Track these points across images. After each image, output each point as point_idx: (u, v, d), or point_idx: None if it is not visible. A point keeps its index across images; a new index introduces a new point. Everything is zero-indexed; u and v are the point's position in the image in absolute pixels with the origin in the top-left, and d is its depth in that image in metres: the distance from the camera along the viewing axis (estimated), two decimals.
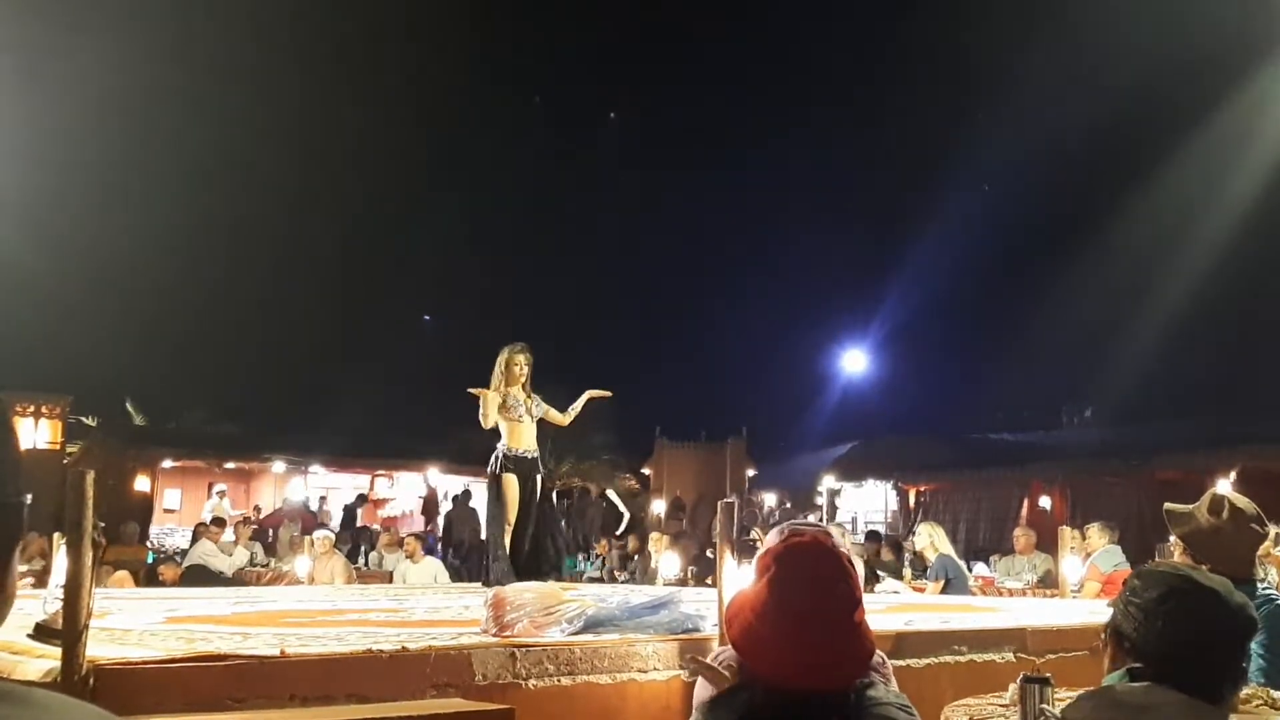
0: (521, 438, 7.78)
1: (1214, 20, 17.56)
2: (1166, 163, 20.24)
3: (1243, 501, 3.82)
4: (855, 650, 2.07)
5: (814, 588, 2.06)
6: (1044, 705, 2.50)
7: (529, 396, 7.82)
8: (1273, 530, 8.23)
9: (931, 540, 9.74)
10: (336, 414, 22.79)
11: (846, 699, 2.05)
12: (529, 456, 7.84)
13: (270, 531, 17.00)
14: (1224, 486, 12.54)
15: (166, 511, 21.49)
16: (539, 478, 7.95)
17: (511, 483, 7.73)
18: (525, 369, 7.84)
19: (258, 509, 20.09)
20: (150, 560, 14.71)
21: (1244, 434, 15.83)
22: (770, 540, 2.25)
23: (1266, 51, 17.31)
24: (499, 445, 7.78)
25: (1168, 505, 3.93)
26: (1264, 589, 3.74)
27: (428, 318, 31.43)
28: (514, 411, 7.75)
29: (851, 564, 2.15)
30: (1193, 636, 2.22)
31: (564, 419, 8.15)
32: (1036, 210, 25.14)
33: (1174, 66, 18.95)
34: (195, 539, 15.09)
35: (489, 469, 7.97)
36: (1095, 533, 9.28)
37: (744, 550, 3.85)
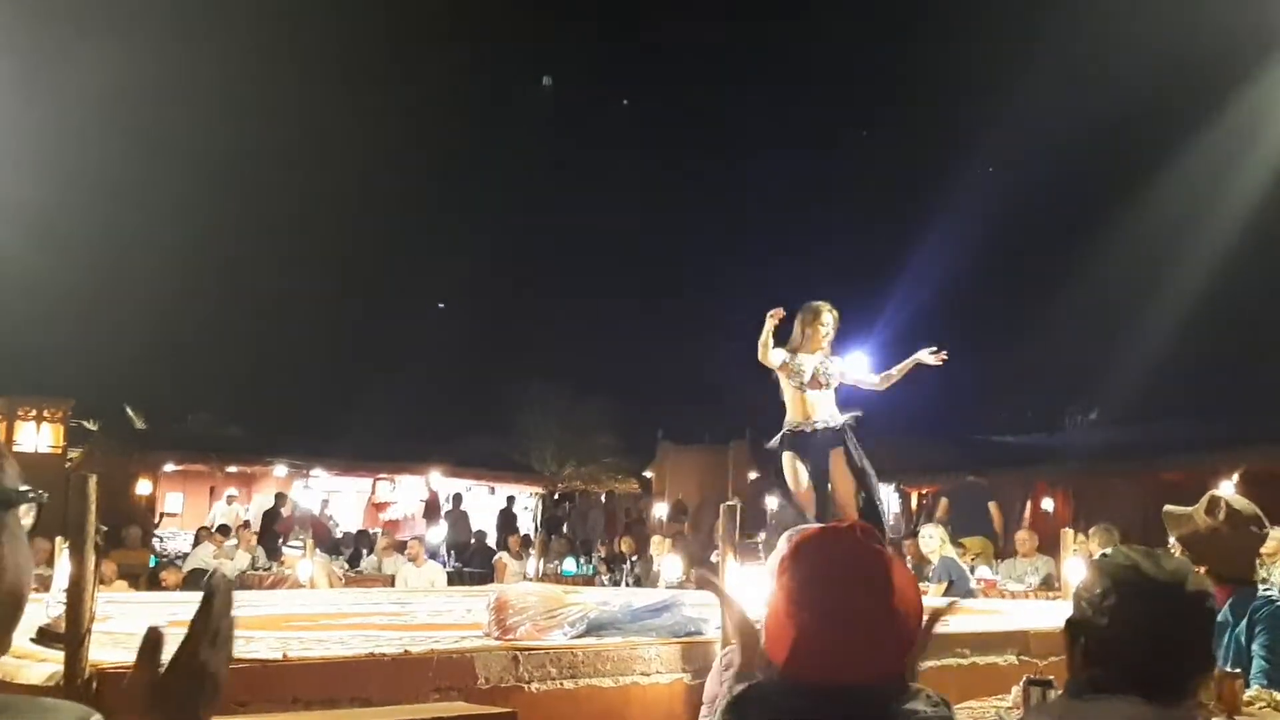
0: (804, 408, 6.70)
1: (1217, 20, 17.56)
2: (1171, 164, 20.21)
3: (1241, 503, 3.80)
4: (884, 640, 1.96)
5: (832, 578, 1.97)
6: None
7: (825, 360, 6.78)
8: (1276, 531, 8.26)
9: (944, 542, 9.77)
10: (338, 418, 22.83)
11: (882, 697, 1.95)
12: (814, 430, 6.68)
13: (281, 537, 17.01)
14: (1226, 488, 12.52)
15: (168, 515, 21.51)
16: (840, 453, 6.64)
17: (792, 463, 6.66)
18: (830, 331, 6.86)
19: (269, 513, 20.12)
20: (153, 564, 14.73)
21: (1248, 435, 15.80)
22: (781, 545, 2.20)
23: (1272, 48, 17.32)
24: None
25: (1167, 507, 3.93)
26: (1265, 590, 3.73)
27: (441, 305, 31.37)
28: (794, 378, 6.71)
29: (881, 548, 2.02)
30: (1141, 631, 2.06)
31: (879, 382, 7.04)
32: (1040, 211, 25.10)
33: (1177, 66, 18.91)
34: (197, 542, 15.14)
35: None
36: (1095, 538, 9.30)
37: (747, 553, 3.85)
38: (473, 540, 18.80)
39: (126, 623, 4.61)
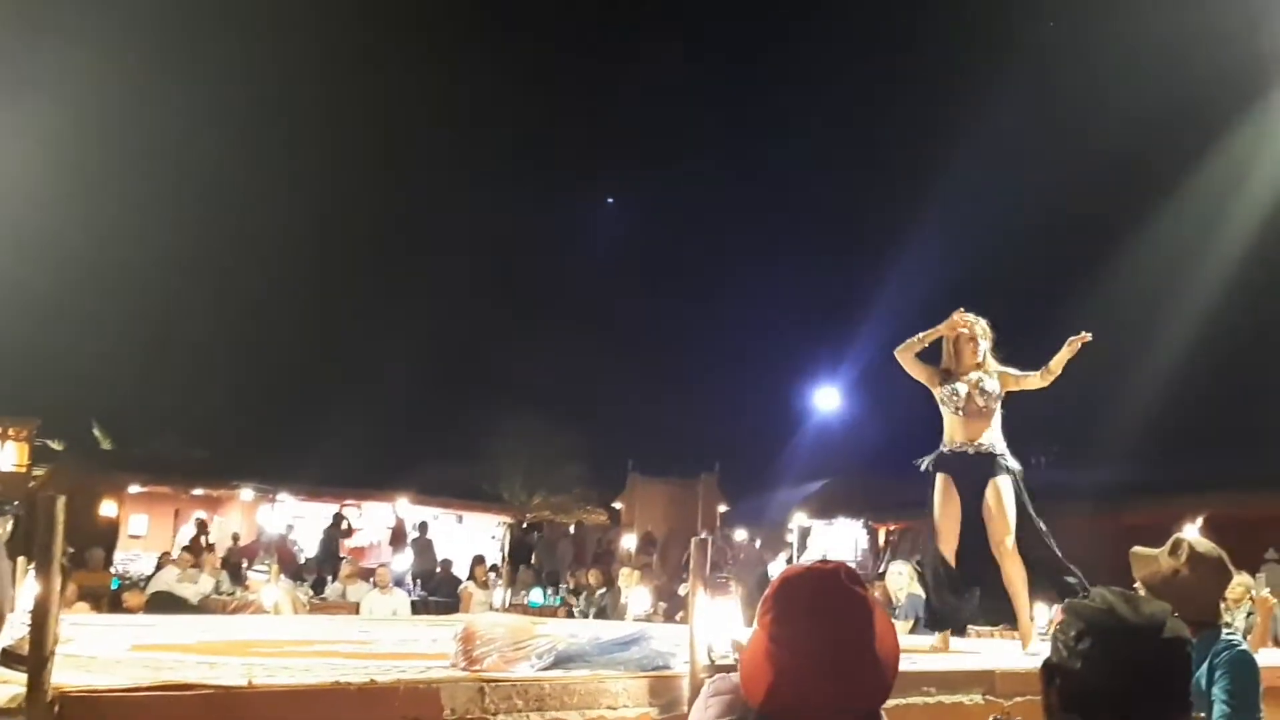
0: (960, 432, 5.94)
1: (1196, 68, 17.87)
2: (1141, 212, 20.52)
3: (1205, 546, 3.82)
4: (862, 684, 1.96)
5: (814, 621, 1.96)
6: None
7: (983, 378, 5.92)
8: (1243, 576, 8.34)
9: (912, 579, 9.77)
10: (306, 443, 22.69)
11: None
12: (971, 453, 5.91)
13: (245, 561, 16.87)
14: (1190, 531, 12.59)
15: (132, 537, 21.30)
16: (999, 481, 5.84)
17: (944, 486, 5.94)
18: (984, 344, 5.99)
19: (236, 537, 19.97)
20: (115, 586, 14.56)
21: (1212, 479, 15.93)
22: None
23: (1258, 94, 17.62)
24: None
25: (1134, 549, 3.95)
26: (1228, 634, 3.75)
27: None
28: (948, 404, 5.96)
29: (865, 592, 2.02)
30: (1116, 676, 2.01)
31: (1040, 380, 5.97)
32: (1009, 253, 25.34)
33: (1157, 111, 19.26)
34: (159, 567, 14.98)
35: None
36: None
37: (716, 588, 3.85)
38: (438, 569, 18.69)
39: (89, 645, 4.57)
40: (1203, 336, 19.08)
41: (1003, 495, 5.79)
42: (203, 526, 19.91)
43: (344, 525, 21.09)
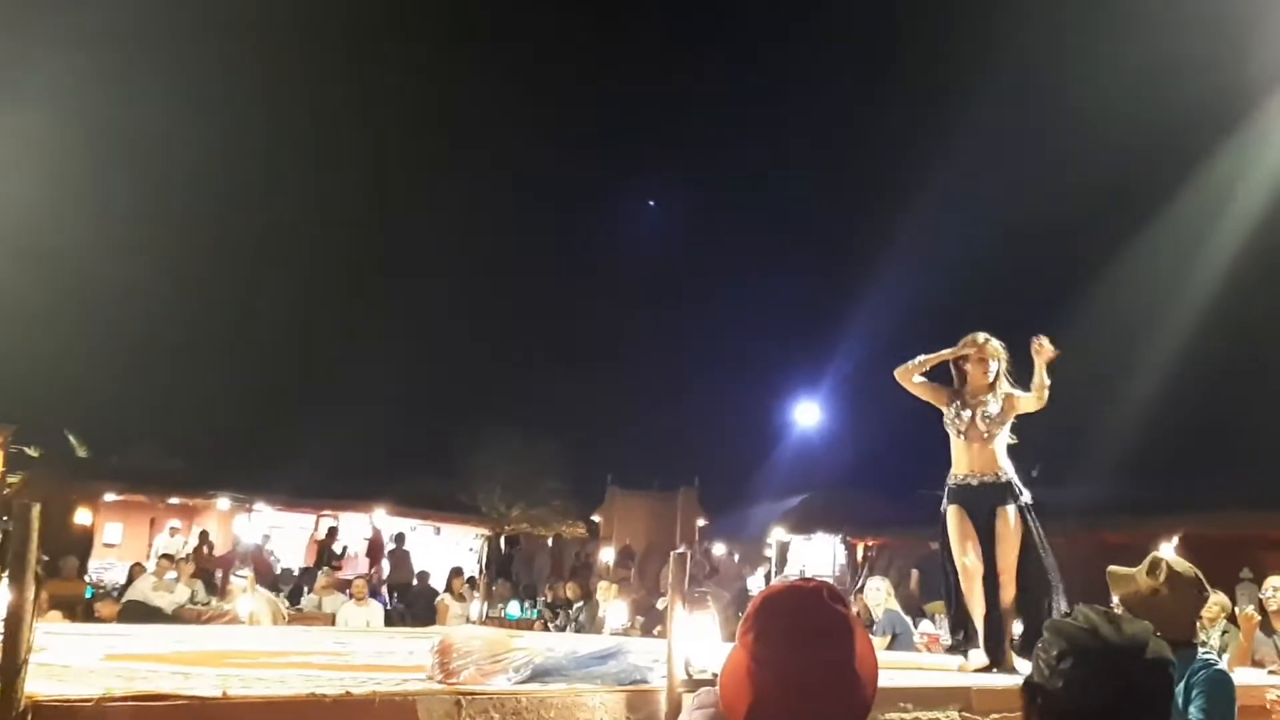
0: (967, 459, 5.82)
1: (1178, 95, 18.03)
2: (1124, 237, 20.69)
3: (1183, 565, 3.86)
4: (842, 704, 1.95)
5: (796, 639, 1.95)
6: None
7: (988, 400, 5.80)
8: (1218, 596, 8.38)
9: (890, 596, 9.81)
10: (283, 453, 22.58)
11: None
12: (978, 484, 5.80)
13: (220, 572, 16.78)
14: (1166, 550, 12.67)
15: (107, 546, 21.16)
16: (1009, 511, 5.72)
17: (954, 518, 5.82)
18: (996, 365, 5.86)
19: (205, 534, 19.87)
20: (89, 595, 14.46)
21: (1189, 499, 16.03)
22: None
23: (1238, 121, 17.80)
24: None
25: (1111, 568, 3.97)
26: (1204, 653, 3.77)
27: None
28: (952, 426, 5.85)
29: (846, 611, 2.01)
30: (1096, 696, 2.01)
31: (1035, 400, 5.75)
32: (990, 274, 25.48)
33: (1139, 135, 19.42)
34: (131, 578, 14.87)
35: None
36: None
37: (694, 602, 3.85)
38: (414, 581, 18.63)
39: (63, 654, 4.53)
40: (1182, 361, 19.22)
41: (1011, 525, 5.70)
42: (205, 537, 19.82)
43: (340, 548, 21.07)
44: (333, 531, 21.35)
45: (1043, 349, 5.64)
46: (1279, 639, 8.38)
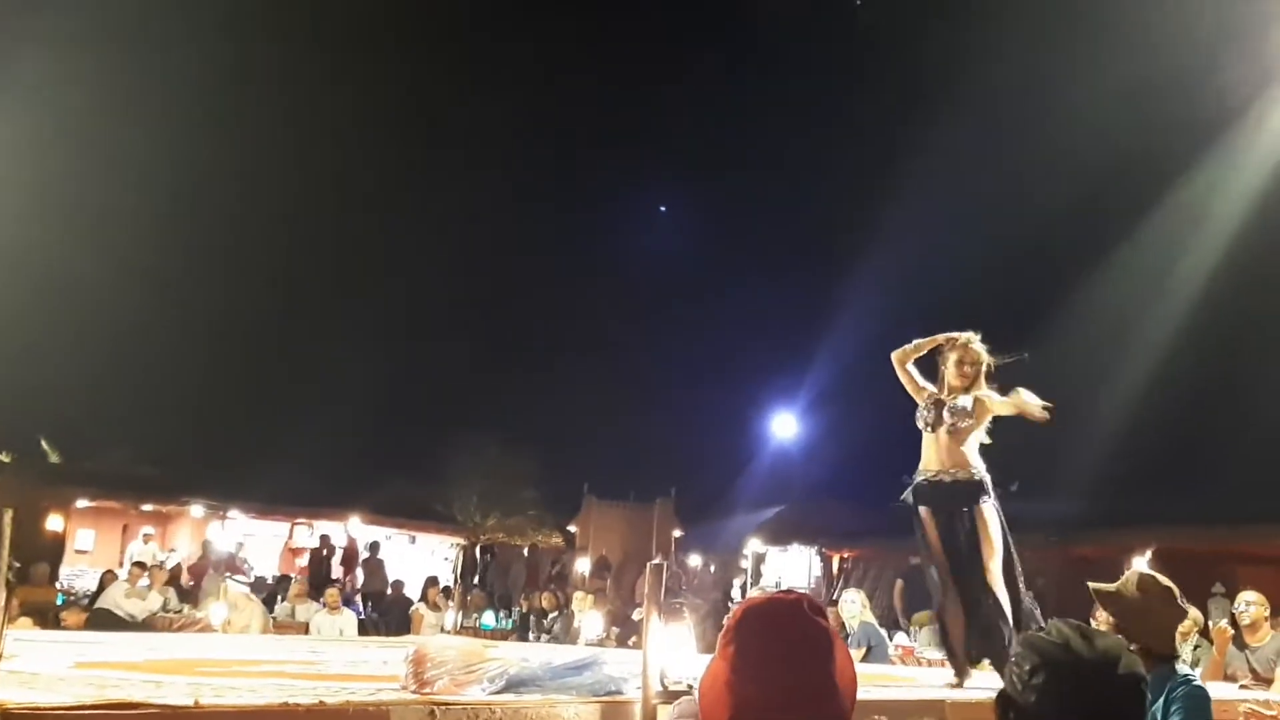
0: (935, 454, 5.75)
1: (1150, 116, 18.19)
2: (1096, 256, 20.84)
3: (1163, 579, 3.92)
4: (829, 711, 1.96)
5: (776, 651, 1.96)
6: None
7: (958, 395, 5.79)
8: (1191, 611, 8.43)
9: (865, 608, 9.84)
10: (258, 460, 22.43)
11: None
12: (950, 481, 5.70)
13: (193, 580, 16.67)
14: (1139, 565, 12.77)
15: (78, 553, 20.98)
16: (983, 509, 5.65)
17: (923, 520, 5.77)
18: (972, 370, 5.86)
19: (207, 543, 19.78)
20: (60, 602, 14.33)
21: (1161, 515, 16.13)
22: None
23: (1211, 141, 17.96)
24: None
25: (1094, 585, 4.00)
26: (1182, 670, 3.81)
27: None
28: (920, 418, 5.84)
29: (826, 623, 2.01)
30: (1069, 711, 2.01)
31: (1009, 406, 5.79)
32: (967, 288, 25.62)
33: (1112, 154, 19.57)
34: (103, 585, 14.74)
35: None
36: None
37: (670, 613, 3.85)
38: (389, 590, 18.55)
39: (33, 661, 4.49)
40: (1154, 376, 19.37)
41: (988, 524, 5.62)
42: (207, 547, 19.71)
43: (332, 552, 20.99)
44: (325, 540, 21.24)
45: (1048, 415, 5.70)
46: (1251, 653, 8.42)
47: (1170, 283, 19.58)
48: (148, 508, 21.52)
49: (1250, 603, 8.52)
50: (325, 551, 20.91)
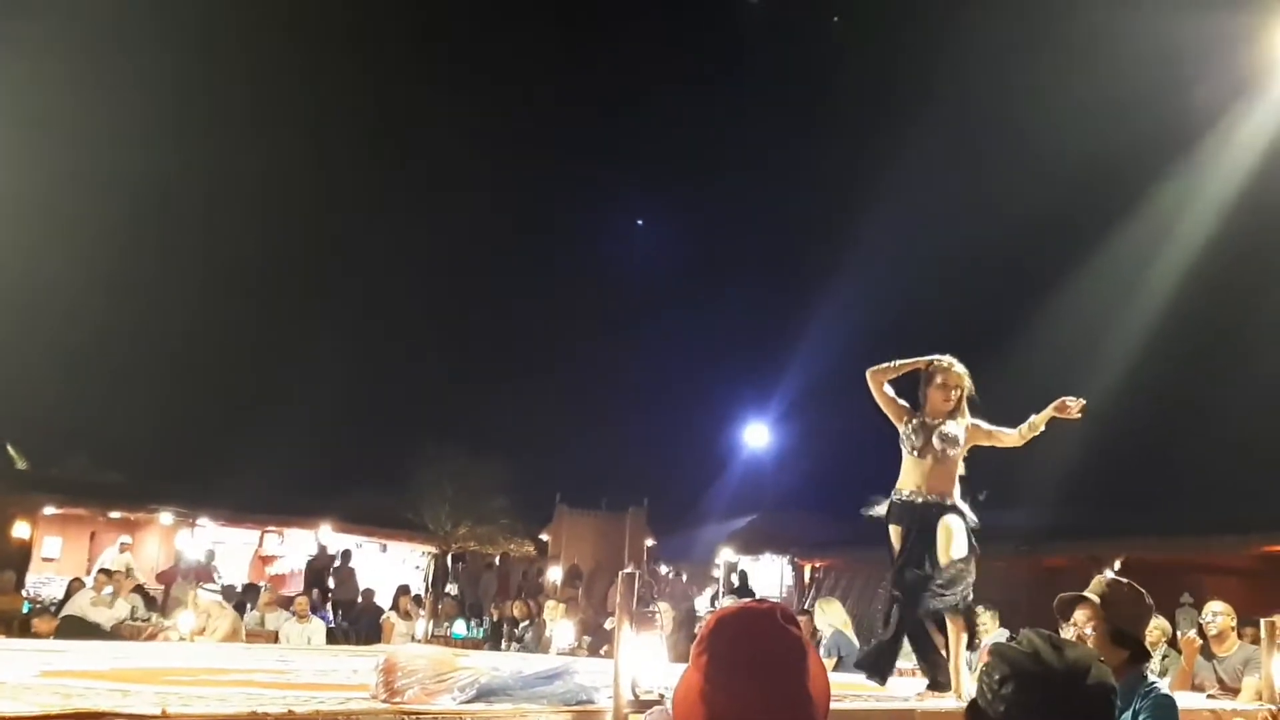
0: (917, 476, 5.74)
1: (1113, 135, 18.38)
2: (1066, 267, 21.01)
3: (1127, 581, 4.02)
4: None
5: (750, 661, 1.94)
6: None
7: (947, 422, 5.76)
8: (1159, 620, 8.50)
9: (846, 625, 9.85)
10: (228, 467, 22.28)
11: None
12: (923, 503, 5.72)
13: (163, 587, 16.52)
14: (1109, 575, 12.81)
15: (45, 560, 20.76)
16: (949, 520, 5.68)
17: (896, 536, 5.81)
18: (956, 394, 5.80)
19: (211, 552, 19.62)
20: (26, 610, 14.17)
21: (1129, 525, 16.25)
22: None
23: (1182, 151, 18.14)
24: None
25: (1062, 594, 4.04)
26: (1151, 679, 3.84)
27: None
28: (907, 443, 5.79)
29: (799, 633, 2.00)
30: None
31: (1018, 437, 5.85)
32: (932, 300, 25.74)
33: (1082, 164, 19.74)
34: (70, 593, 14.59)
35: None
36: (987, 617, 9.42)
37: (642, 623, 3.84)
38: (359, 598, 18.44)
39: None
40: (1123, 387, 19.51)
41: (953, 532, 5.61)
42: (210, 556, 19.54)
43: (330, 561, 20.80)
44: (322, 550, 21.05)
45: (1067, 410, 5.79)
46: (1219, 663, 8.49)
47: (1137, 296, 19.78)
48: (115, 515, 21.30)
49: (1218, 613, 8.59)
50: (321, 562, 20.72)
